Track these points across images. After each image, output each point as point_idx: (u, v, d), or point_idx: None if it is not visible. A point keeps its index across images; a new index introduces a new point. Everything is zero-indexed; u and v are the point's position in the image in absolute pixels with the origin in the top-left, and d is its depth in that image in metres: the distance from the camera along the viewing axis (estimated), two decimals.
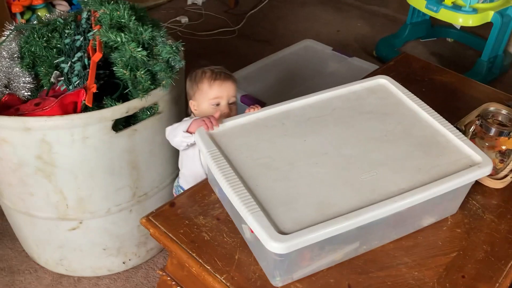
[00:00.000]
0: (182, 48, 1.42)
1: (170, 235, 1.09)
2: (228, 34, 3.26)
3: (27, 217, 1.51)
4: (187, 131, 1.24)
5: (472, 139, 1.27)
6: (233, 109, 1.37)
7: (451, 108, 1.53)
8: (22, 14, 2.43)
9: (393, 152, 1.09)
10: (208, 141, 1.09)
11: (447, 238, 1.10)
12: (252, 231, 0.91)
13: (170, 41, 1.41)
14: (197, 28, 3.30)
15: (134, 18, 1.37)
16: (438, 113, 1.21)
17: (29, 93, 1.47)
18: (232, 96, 1.36)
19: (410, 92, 1.26)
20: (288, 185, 0.99)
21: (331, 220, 0.90)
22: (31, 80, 1.48)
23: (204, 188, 1.20)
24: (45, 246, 1.61)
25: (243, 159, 1.05)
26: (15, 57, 1.52)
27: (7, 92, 1.45)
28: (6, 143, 1.31)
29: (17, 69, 1.48)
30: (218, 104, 1.35)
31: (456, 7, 2.56)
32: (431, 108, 1.21)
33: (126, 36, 1.32)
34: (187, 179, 1.43)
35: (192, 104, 1.40)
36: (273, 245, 0.85)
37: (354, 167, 1.04)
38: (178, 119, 1.46)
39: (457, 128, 1.22)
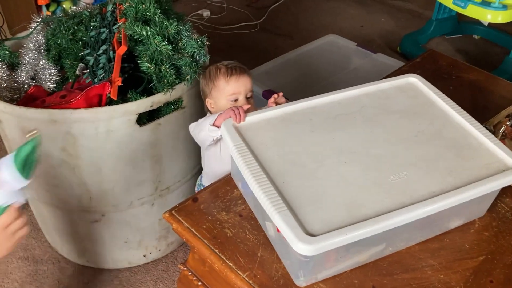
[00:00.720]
0: (207, 43, 1.41)
1: (193, 230, 1.08)
2: (250, 28, 3.24)
3: (51, 208, 1.53)
4: (214, 125, 1.23)
5: (502, 139, 1.23)
6: (252, 103, 1.36)
7: (479, 107, 1.49)
8: (47, 6, 2.45)
9: (423, 153, 1.06)
10: (234, 134, 1.07)
11: (474, 241, 1.07)
12: (278, 231, 0.90)
13: (195, 35, 1.41)
14: (219, 22, 3.29)
15: (159, 11, 1.36)
16: (466, 112, 1.18)
17: (55, 85, 1.48)
18: (250, 91, 1.36)
19: (440, 92, 1.23)
20: (316, 184, 0.97)
21: (361, 222, 0.88)
22: (57, 72, 1.49)
23: (226, 184, 1.19)
24: (67, 237, 1.62)
25: (269, 155, 1.03)
26: (42, 49, 1.53)
27: (33, 84, 1.47)
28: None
29: (44, 61, 1.50)
30: (236, 100, 1.33)
31: (485, 3, 2.50)
32: (462, 109, 1.18)
33: (152, 30, 1.32)
34: (210, 179, 1.42)
35: (209, 103, 1.38)
36: (301, 247, 0.83)
37: (384, 168, 1.01)
38: (202, 114, 1.46)
39: (486, 128, 1.19)
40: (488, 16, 2.50)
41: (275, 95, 1.30)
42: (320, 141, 1.08)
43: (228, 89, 1.33)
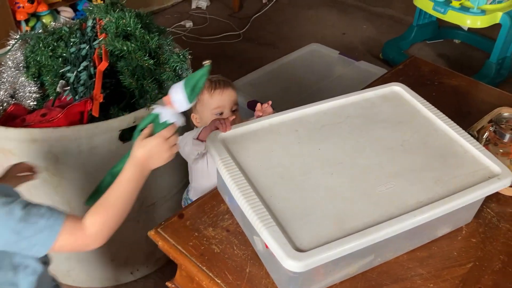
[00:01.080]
0: (189, 56, 1.40)
1: (179, 247, 1.07)
2: (233, 38, 3.24)
3: None
4: (198, 139, 1.22)
5: (485, 145, 1.24)
6: (237, 116, 1.35)
7: (462, 113, 1.50)
8: (26, 21, 2.42)
9: (409, 162, 1.06)
10: (220, 147, 1.05)
11: (462, 249, 1.07)
12: (267, 246, 0.89)
13: (177, 49, 1.40)
14: (202, 33, 3.29)
15: (140, 26, 1.36)
16: (450, 118, 1.19)
17: (35, 103, 1.46)
18: (235, 104, 1.35)
19: (424, 100, 1.24)
20: (303, 197, 0.97)
21: (350, 236, 0.87)
22: (37, 89, 1.47)
23: (213, 199, 1.18)
24: (52, 257, 1.59)
25: (256, 168, 1.02)
26: (21, 66, 1.51)
27: (12, 102, 1.44)
28: (12, 155, 1.29)
29: (23, 78, 1.48)
30: (221, 113, 1.33)
31: (464, 9, 2.54)
32: (446, 117, 1.19)
33: (133, 45, 1.31)
34: (197, 194, 1.41)
35: (194, 118, 1.38)
36: (290, 264, 0.82)
37: (371, 178, 1.01)
38: (186, 128, 1.45)
39: (470, 134, 1.20)
40: (468, 21, 2.54)
41: (265, 104, 1.28)
42: (307, 153, 1.08)
43: (212, 103, 1.32)
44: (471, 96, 1.61)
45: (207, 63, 0.84)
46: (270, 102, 1.29)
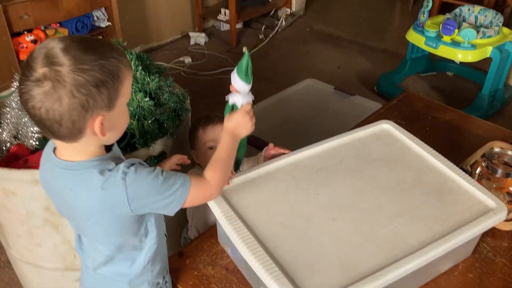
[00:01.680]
0: (188, 97, 1.44)
1: (179, 287, 1.08)
2: (230, 73, 3.30)
3: (34, 267, 1.50)
4: None
5: (479, 180, 1.27)
6: None
7: (456, 147, 1.54)
8: None
9: (408, 202, 1.08)
10: (219, 199, 1.06)
11: (459, 285, 1.08)
12: None
13: (177, 89, 1.44)
14: (200, 68, 3.35)
15: (141, 68, 1.40)
16: (443, 153, 1.22)
17: (37, 143, 1.48)
18: None
19: (414, 137, 1.27)
20: (308, 245, 0.97)
21: (358, 282, 0.88)
22: (39, 130, 1.50)
23: (211, 237, 1.20)
24: None
25: (257, 218, 1.03)
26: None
27: (15, 143, 1.47)
28: (15, 195, 1.31)
29: (26, 119, 1.50)
30: (213, 148, 1.36)
31: (455, 44, 2.61)
32: (437, 153, 1.21)
33: (133, 86, 1.35)
34: (200, 230, 1.43)
35: (194, 154, 1.44)
36: None
37: (372, 221, 1.03)
38: (185, 168, 1.47)
39: (463, 169, 1.23)
40: (459, 56, 2.60)
41: (280, 149, 1.28)
42: (306, 199, 1.09)
43: (205, 137, 1.38)
44: (464, 130, 1.65)
45: (245, 49, 1.04)
46: (288, 151, 1.28)
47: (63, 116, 0.79)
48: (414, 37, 2.81)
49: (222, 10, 3.69)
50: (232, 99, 1.06)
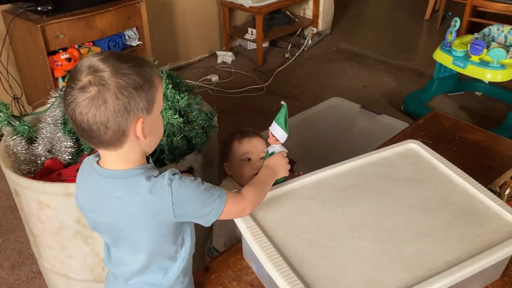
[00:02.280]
0: (216, 115, 1.47)
1: None
2: (256, 91, 3.35)
3: (64, 279, 1.54)
4: None
5: (508, 201, 1.25)
6: None
7: (484, 168, 1.52)
8: (64, 77, 2.57)
9: (434, 222, 1.08)
10: (246, 216, 1.07)
11: None
12: None
13: (205, 107, 1.47)
14: (227, 86, 3.40)
15: (171, 86, 1.44)
16: (471, 173, 1.21)
17: (70, 157, 1.53)
18: (262, 151, 1.44)
19: (441, 156, 1.26)
20: (333, 263, 0.97)
21: None
22: (72, 144, 1.55)
23: (237, 252, 1.21)
24: None
25: (283, 235, 1.04)
26: (59, 123, 1.60)
27: (50, 157, 1.52)
28: (48, 207, 1.36)
29: (60, 134, 1.56)
30: (249, 159, 1.43)
31: (483, 63, 2.58)
32: (464, 173, 1.21)
33: (164, 104, 1.39)
34: (225, 242, 1.45)
35: (227, 166, 1.48)
36: None
37: (398, 240, 1.03)
38: (212, 182, 1.50)
39: (492, 191, 1.21)
40: (488, 76, 2.57)
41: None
42: (331, 217, 1.09)
43: (241, 149, 1.43)
44: (492, 151, 1.63)
45: (282, 103, 1.15)
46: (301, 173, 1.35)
47: (109, 118, 0.84)
48: (441, 56, 2.80)
49: (249, 29, 3.75)
50: (271, 149, 1.17)
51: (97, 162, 0.95)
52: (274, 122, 1.14)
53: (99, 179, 0.93)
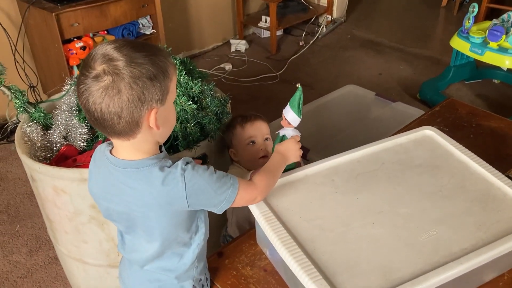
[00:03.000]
0: (229, 101, 1.47)
1: (218, 286, 1.10)
2: (270, 80, 3.34)
3: (80, 263, 1.57)
4: None
5: None
6: (269, 145, 1.46)
7: (501, 155, 1.49)
8: (78, 66, 2.59)
9: (450, 208, 1.06)
10: (260, 202, 1.07)
11: None
12: None
13: (218, 94, 1.47)
14: (241, 75, 3.40)
15: (184, 73, 1.44)
16: (488, 161, 1.19)
17: (85, 144, 1.55)
18: (266, 134, 1.46)
19: (457, 143, 1.24)
20: (347, 248, 0.97)
21: (398, 287, 0.87)
22: (87, 131, 1.56)
23: (250, 238, 1.21)
24: None
25: (296, 221, 1.03)
26: (74, 110, 1.62)
27: (65, 143, 1.54)
28: (64, 193, 1.38)
29: (75, 121, 1.58)
30: (253, 142, 1.44)
31: (502, 50, 2.53)
32: (481, 160, 1.19)
33: (177, 90, 1.39)
34: (240, 227, 1.46)
35: (232, 153, 1.49)
36: None
37: (413, 226, 1.01)
38: (225, 169, 1.50)
39: (510, 178, 1.19)
40: (506, 62, 2.52)
41: None
42: (345, 203, 1.09)
43: (244, 134, 1.44)
44: (510, 138, 1.60)
45: (297, 85, 1.12)
46: None
47: (122, 108, 0.83)
48: (458, 43, 2.75)
49: (263, 17, 3.73)
50: (283, 132, 1.16)
51: (110, 151, 0.94)
52: (288, 104, 1.13)
53: (112, 168, 0.93)
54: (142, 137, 0.89)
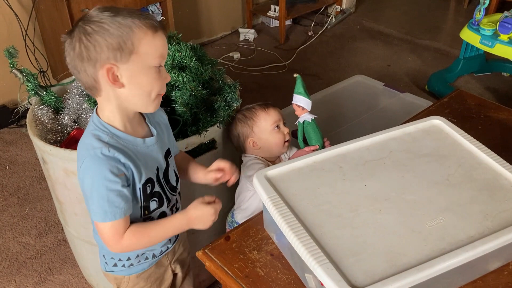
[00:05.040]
0: (239, 87, 1.48)
1: (225, 269, 1.11)
2: (278, 69, 3.33)
3: (89, 245, 1.59)
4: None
5: None
6: (288, 128, 1.51)
7: (509, 146, 1.49)
8: None
9: (457, 196, 1.07)
10: (267, 186, 1.08)
11: (508, 284, 1.06)
12: (322, 284, 0.89)
13: (228, 80, 1.48)
14: (249, 64, 3.39)
15: (194, 59, 1.44)
16: (496, 151, 1.19)
17: None
18: (283, 119, 1.51)
19: (465, 133, 1.25)
20: (354, 234, 0.98)
21: (404, 272, 0.88)
22: None
23: (257, 223, 1.22)
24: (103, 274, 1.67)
25: (304, 206, 1.04)
26: (84, 94, 1.63)
27: (75, 127, 1.56)
28: (74, 175, 1.39)
29: (85, 105, 1.59)
30: (278, 126, 1.47)
31: None
32: (489, 149, 1.19)
33: (188, 76, 1.40)
34: (248, 215, 1.47)
35: (252, 142, 1.47)
36: None
37: (419, 214, 1.02)
38: (232, 155, 1.52)
39: None
40: None
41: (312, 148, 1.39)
42: (353, 189, 1.09)
43: (270, 118, 1.46)
44: None
45: (296, 75, 1.19)
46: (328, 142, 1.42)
47: (76, 63, 0.90)
48: (468, 35, 2.73)
49: (272, 6, 3.71)
50: (302, 118, 1.20)
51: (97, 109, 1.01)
52: (294, 94, 1.14)
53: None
54: (106, 95, 0.93)
